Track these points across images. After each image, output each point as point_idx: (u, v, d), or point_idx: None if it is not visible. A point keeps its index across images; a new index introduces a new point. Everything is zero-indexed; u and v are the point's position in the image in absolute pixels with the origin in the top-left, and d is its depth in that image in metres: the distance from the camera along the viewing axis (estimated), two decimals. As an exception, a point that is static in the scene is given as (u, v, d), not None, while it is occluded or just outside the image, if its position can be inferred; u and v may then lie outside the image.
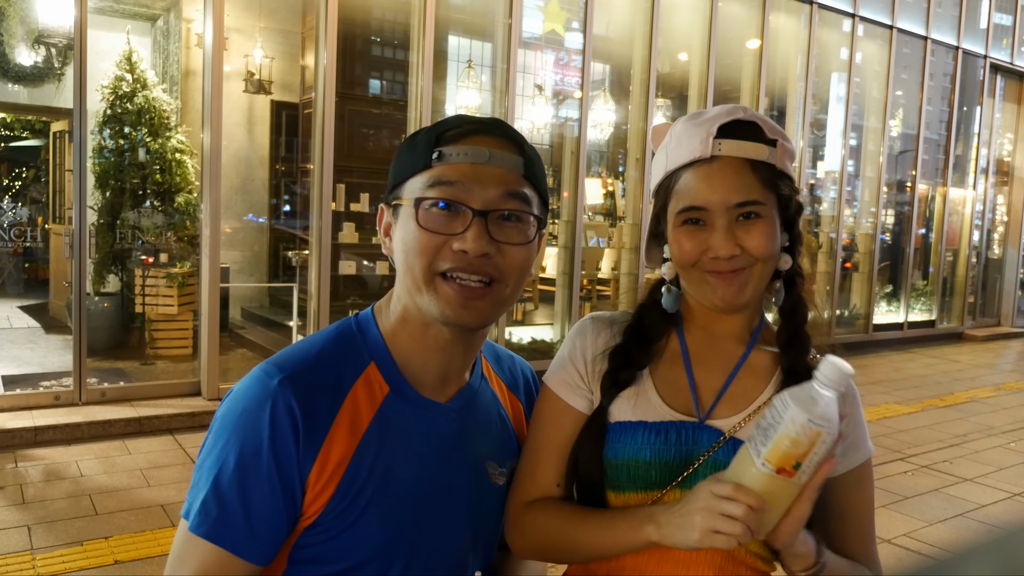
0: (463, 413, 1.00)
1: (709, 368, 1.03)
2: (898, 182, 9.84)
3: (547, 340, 6.92)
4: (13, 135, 10.03)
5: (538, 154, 0.97)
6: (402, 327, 0.96)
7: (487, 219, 0.89)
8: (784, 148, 0.99)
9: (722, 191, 0.95)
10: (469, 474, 0.99)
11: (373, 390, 0.93)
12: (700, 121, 0.99)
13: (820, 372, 0.82)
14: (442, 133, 0.92)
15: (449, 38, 7.24)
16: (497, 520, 1.05)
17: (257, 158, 8.10)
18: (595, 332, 1.07)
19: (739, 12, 7.80)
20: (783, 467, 0.81)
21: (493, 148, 0.91)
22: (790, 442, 0.80)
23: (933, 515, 3.93)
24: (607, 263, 8.40)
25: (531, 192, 0.93)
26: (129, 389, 5.10)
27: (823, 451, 0.81)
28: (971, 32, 9.89)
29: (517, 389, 1.12)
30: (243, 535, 0.85)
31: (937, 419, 5.99)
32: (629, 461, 0.98)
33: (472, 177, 0.89)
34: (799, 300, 1.04)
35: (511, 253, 0.91)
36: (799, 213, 1.03)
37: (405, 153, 0.95)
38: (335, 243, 5.79)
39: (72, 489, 3.73)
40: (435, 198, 0.89)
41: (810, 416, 0.79)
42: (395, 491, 0.91)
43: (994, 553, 0.30)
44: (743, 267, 0.97)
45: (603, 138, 8.89)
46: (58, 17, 5.76)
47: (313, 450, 0.87)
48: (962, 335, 10.10)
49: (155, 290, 6.03)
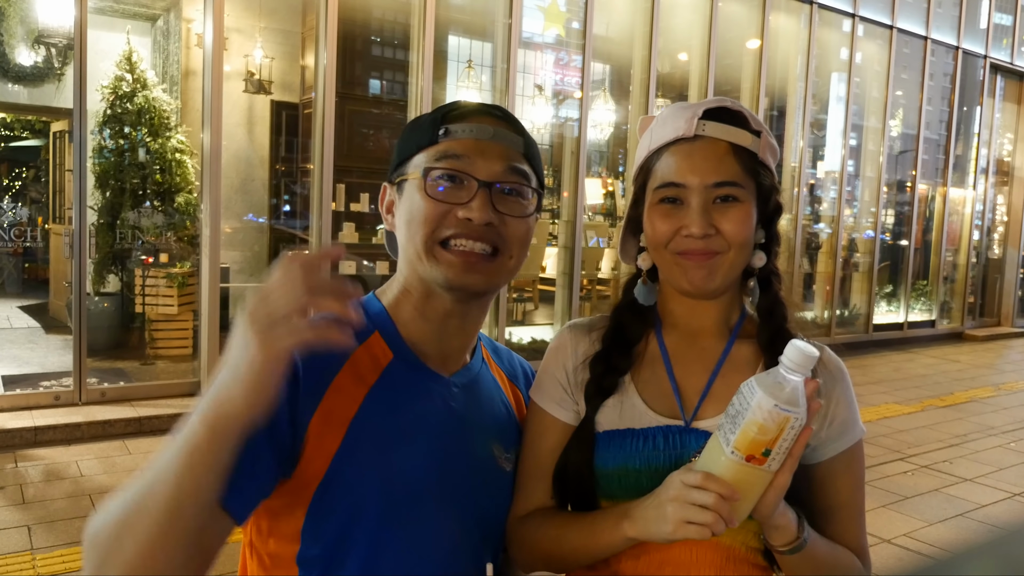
0: (467, 390, 1.01)
1: (690, 368, 1.01)
2: (898, 182, 9.84)
3: (547, 340, 6.91)
4: (13, 135, 10.03)
5: (534, 139, 1.01)
6: (404, 299, 0.98)
7: (491, 190, 0.93)
8: (768, 142, 0.99)
9: (702, 170, 0.95)
10: (476, 452, 0.99)
11: (376, 355, 0.94)
12: (687, 106, 1.00)
13: (785, 356, 0.81)
14: (447, 112, 0.97)
15: (449, 38, 7.24)
16: (505, 506, 1.04)
17: (257, 158, 8.10)
18: (574, 341, 1.06)
19: (739, 12, 7.80)
20: (752, 454, 0.80)
21: (496, 126, 0.96)
22: (758, 428, 0.79)
23: (933, 515, 3.93)
24: (607, 263, 8.40)
25: (530, 170, 0.98)
26: (129, 389, 5.10)
27: (791, 437, 0.80)
28: (971, 32, 9.89)
29: (517, 379, 1.13)
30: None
31: (937, 419, 5.99)
32: (619, 470, 0.97)
33: (477, 151, 0.94)
34: (776, 299, 1.02)
35: (513, 224, 0.95)
36: (778, 212, 1.03)
37: (409, 133, 0.99)
38: (335, 243, 5.79)
39: (72, 489, 3.73)
40: (443, 168, 0.93)
41: (777, 401, 0.78)
42: (400, 454, 0.91)
43: (994, 553, 0.30)
44: (716, 251, 0.96)
45: (603, 138, 8.88)
46: (58, 17, 5.76)
47: (314, 399, 0.87)
48: (962, 335, 10.10)
49: (155, 290, 6.03)
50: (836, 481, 0.99)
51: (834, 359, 1.02)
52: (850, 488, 1.01)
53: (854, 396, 1.03)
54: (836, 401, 0.99)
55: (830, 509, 0.99)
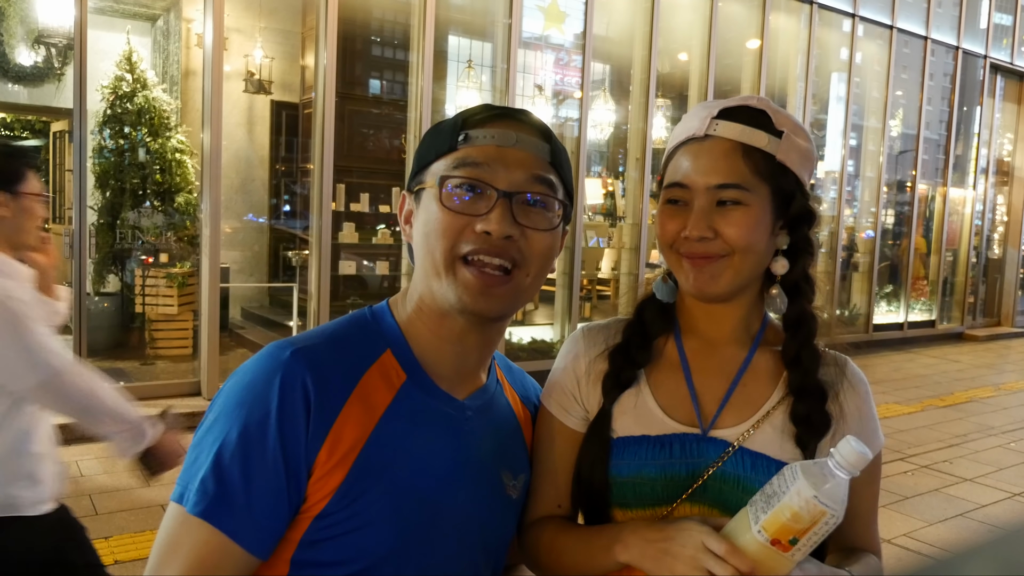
0: (480, 414, 0.96)
1: (710, 375, 0.99)
2: (898, 182, 9.84)
3: (547, 340, 6.91)
4: (13, 135, 10.03)
5: (563, 146, 0.95)
6: (418, 317, 0.93)
7: (512, 201, 0.87)
8: (792, 142, 0.94)
9: (705, 172, 0.93)
10: (486, 482, 0.95)
11: (389, 376, 0.89)
12: (709, 104, 0.97)
13: (837, 451, 0.77)
14: (468, 117, 0.91)
15: (449, 38, 7.24)
16: (509, 535, 1.02)
17: (257, 158, 8.10)
18: (587, 343, 1.04)
19: (739, 12, 7.80)
20: (779, 539, 0.77)
21: (520, 132, 0.90)
22: (791, 515, 0.76)
23: (933, 515, 3.93)
24: (607, 263, 8.40)
25: (556, 180, 0.91)
26: (129, 389, 5.10)
27: (823, 532, 0.77)
28: (971, 32, 9.89)
29: (528, 401, 1.09)
30: (243, 517, 0.78)
31: (937, 419, 5.99)
32: (634, 478, 0.94)
33: (498, 159, 0.87)
34: (804, 312, 0.98)
35: (535, 238, 0.88)
36: (807, 217, 0.97)
37: (429, 139, 0.94)
38: (335, 243, 5.79)
39: (72, 489, 3.71)
40: (461, 177, 0.87)
41: (817, 493, 0.75)
42: (411, 487, 0.87)
43: (994, 553, 0.30)
44: (717, 254, 0.93)
45: (603, 138, 8.88)
46: (58, 17, 5.75)
47: (323, 429, 0.82)
48: (962, 335, 10.10)
49: (155, 290, 6.03)
50: (856, 491, 0.99)
51: (856, 372, 1.01)
52: (870, 497, 1.01)
53: (874, 408, 1.01)
54: (856, 414, 0.98)
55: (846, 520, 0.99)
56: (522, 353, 6.54)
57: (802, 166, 0.96)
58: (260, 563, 0.81)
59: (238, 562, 0.79)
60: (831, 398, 0.96)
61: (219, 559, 0.78)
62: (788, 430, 0.94)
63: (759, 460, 0.93)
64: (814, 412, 0.94)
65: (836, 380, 0.98)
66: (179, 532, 0.79)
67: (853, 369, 1.01)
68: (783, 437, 0.94)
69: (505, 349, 6.27)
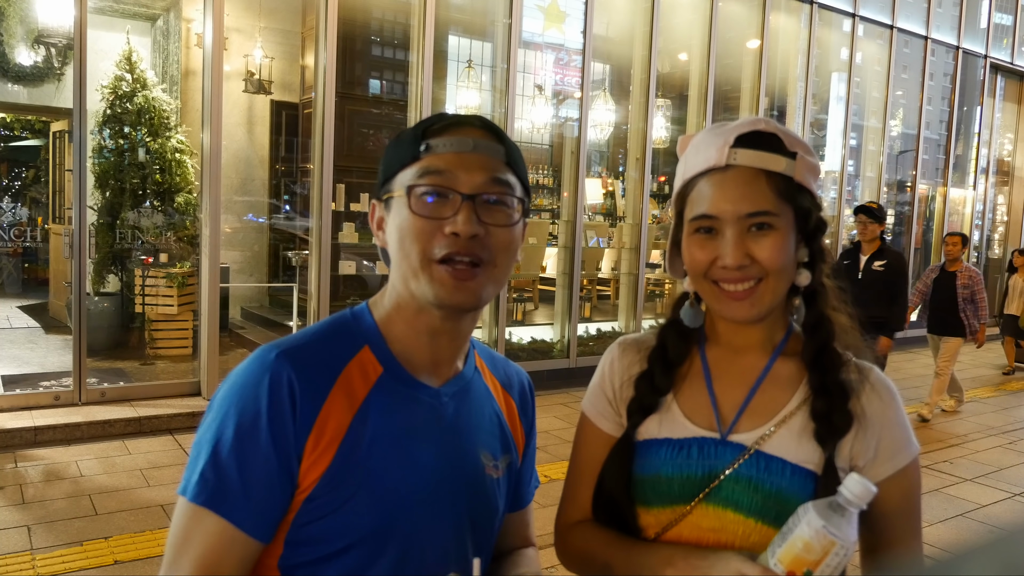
0: (456, 399, 1.04)
1: (731, 382, 1.03)
2: (898, 182, 9.84)
3: (547, 340, 6.92)
4: (13, 135, 10.04)
5: (516, 145, 1.02)
6: (396, 314, 1.01)
7: (475, 202, 0.94)
8: (805, 161, 0.98)
9: (734, 200, 0.96)
10: (464, 461, 1.02)
11: (367, 370, 0.97)
12: (720, 131, 1.00)
13: (845, 487, 0.84)
14: (428, 127, 0.99)
15: (449, 38, 7.25)
16: (495, 514, 1.07)
17: (257, 158, 8.10)
18: (622, 357, 1.11)
19: (739, 12, 7.80)
20: (793, 571, 0.83)
21: (476, 138, 0.97)
22: (803, 545, 0.83)
23: (933, 515, 3.93)
24: (607, 263, 8.41)
25: (514, 178, 0.99)
26: (129, 389, 5.10)
27: (835, 564, 0.83)
28: (971, 32, 9.89)
29: (511, 388, 1.15)
30: (241, 504, 0.87)
31: (937, 419, 5.99)
32: (652, 477, 1.01)
33: (459, 165, 0.95)
34: (822, 316, 1.02)
35: (498, 234, 0.96)
36: (821, 229, 1.02)
37: (392, 150, 1.01)
38: (335, 243, 5.79)
39: (72, 489, 3.73)
40: (426, 185, 0.95)
41: (827, 523, 0.82)
42: (390, 468, 0.95)
43: (994, 553, 0.30)
44: (753, 279, 0.97)
45: (603, 138, 8.89)
46: (58, 17, 5.75)
47: (309, 421, 0.91)
48: (962, 335, 10.09)
49: (155, 290, 6.03)
50: (893, 504, 1.00)
51: (882, 379, 1.03)
52: (908, 509, 1.02)
53: (905, 416, 1.03)
54: (881, 420, 1.00)
55: (888, 530, 1.02)
56: (522, 353, 6.54)
57: (814, 181, 1.01)
58: (263, 547, 0.90)
59: (243, 547, 0.88)
60: (852, 399, 0.99)
61: (226, 546, 0.87)
62: (807, 432, 0.98)
63: (774, 463, 0.97)
64: (835, 409, 0.97)
65: (858, 385, 1.01)
66: (187, 524, 0.88)
67: (878, 375, 1.03)
68: (801, 440, 0.97)
69: (505, 349, 6.28)
